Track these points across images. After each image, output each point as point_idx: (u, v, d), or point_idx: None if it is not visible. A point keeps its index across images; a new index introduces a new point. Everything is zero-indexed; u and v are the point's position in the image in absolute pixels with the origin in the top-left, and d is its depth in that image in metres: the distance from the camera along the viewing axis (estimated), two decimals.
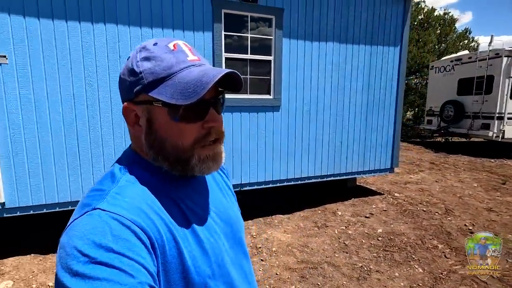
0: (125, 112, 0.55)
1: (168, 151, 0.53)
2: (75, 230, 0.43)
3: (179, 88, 0.48)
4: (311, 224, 3.58)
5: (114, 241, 0.42)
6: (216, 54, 3.17)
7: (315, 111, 3.76)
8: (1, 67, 2.50)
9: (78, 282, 0.39)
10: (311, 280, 2.50)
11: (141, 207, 0.48)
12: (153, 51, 0.51)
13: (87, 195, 0.50)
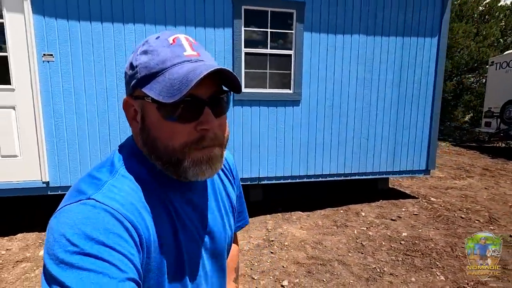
0: (125, 106, 0.54)
1: (161, 151, 0.50)
2: (66, 217, 0.43)
3: (167, 85, 0.46)
4: (330, 222, 3.46)
5: (105, 234, 0.41)
6: (235, 49, 3.26)
7: (338, 106, 3.64)
8: (49, 64, 2.90)
9: (64, 271, 0.38)
10: (317, 276, 2.43)
11: (135, 204, 0.47)
12: (152, 44, 0.49)
13: (83, 181, 0.49)
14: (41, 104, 2.91)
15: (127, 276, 0.41)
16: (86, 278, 0.38)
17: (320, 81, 3.54)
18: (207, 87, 0.49)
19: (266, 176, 3.57)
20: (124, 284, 0.40)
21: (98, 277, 0.39)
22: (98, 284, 0.38)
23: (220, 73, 0.49)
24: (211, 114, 0.49)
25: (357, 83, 3.65)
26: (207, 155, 0.51)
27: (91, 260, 0.39)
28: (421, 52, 3.77)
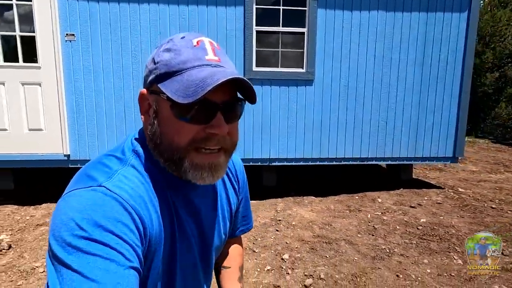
0: (140, 99, 0.54)
1: (164, 147, 0.51)
2: (76, 201, 0.43)
3: (183, 85, 0.47)
4: (343, 207, 3.31)
5: (114, 223, 0.42)
6: (247, 28, 3.24)
7: (354, 86, 3.48)
8: (71, 44, 3.09)
9: (71, 254, 0.39)
10: (320, 252, 2.33)
11: (143, 197, 0.48)
12: (176, 43, 0.50)
13: (93, 167, 0.49)
14: (63, 81, 3.11)
15: (132, 265, 0.42)
16: (93, 262, 0.39)
17: (334, 60, 3.41)
18: (222, 92, 0.49)
19: (277, 157, 3.51)
20: (129, 272, 0.41)
21: (106, 262, 0.39)
22: (105, 270, 0.39)
23: (236, 81, 0.49)
24: (222, 119, 0.49)
25: (375, 62, 3.47)
26: (210, 161, 0.50)
27: (98, 246, 0.40)
28: (448, 28, 3.49)
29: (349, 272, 2.04)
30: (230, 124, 0.51)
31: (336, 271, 2.07)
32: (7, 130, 3.15)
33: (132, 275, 0.42)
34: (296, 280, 1.97)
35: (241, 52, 3.28)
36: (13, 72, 3.08)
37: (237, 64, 3.29)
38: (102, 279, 0.38)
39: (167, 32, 3.18)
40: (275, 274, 2.05)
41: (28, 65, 3.09)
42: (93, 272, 0.38)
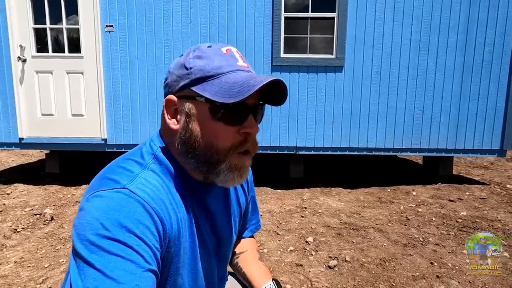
0: (167, 104, 0.55)
1: (200, 150, 0.52)
2: (100, 202, 0.44)
3: (224, 87, 0.49)
4: (374, 198, 3.15)
5: (136, 224, 0.43)
6: (275, 14, 3.24)
7: (387, 72, 3.31)
8: (109, 34, 3.30)
9: (94, 253, 0.40)
10: (347, 238, 2.23)
11: (163, 200, 0.49)
12: (206, 51, 0.53)
13: (113, 171, 0.50)
14: (102, 70, 3.33)
15: (150, 268, 0.43)
16: (115, 262, 0.40)
17: (366, 45, 3.28)
18: (254, 96, 0.52)
19: (304, 146, 3.44)
20: (148, 274, 0.42)
21: (126, 263, 0.40)
22: (125, 270, 0.40)
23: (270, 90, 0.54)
24: (254, 120, 0.53)
25: (410, 47, 3.28)
26: (242, 163, 0.53)
27: (121, 247, 0.41)
28: (495, 8, 3.20)
29: (377, 257, 1.93)
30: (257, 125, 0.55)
31: (363, 255, 1.96)
32: (53, 115, 3.43)
33: (150, 277, 0.42)
34: (319, 261, 1.91)
35: (269, 39, 3.28)
36: (59, 62, 3.36)
37: (264, 51, 3.30)
38: (123, 279, 0.39)
39: (197, 21, 3.28)
40: (298, 255, 2.00)
41: (72, 55, 3.35)
42: (114, 272, 0.39)
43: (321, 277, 1.74)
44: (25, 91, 3.38)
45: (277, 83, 0.52)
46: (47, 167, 3.82)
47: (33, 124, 3.43)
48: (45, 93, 3.39)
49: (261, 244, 2.17)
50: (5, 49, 3.28)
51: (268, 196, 3.25)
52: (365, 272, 1.78)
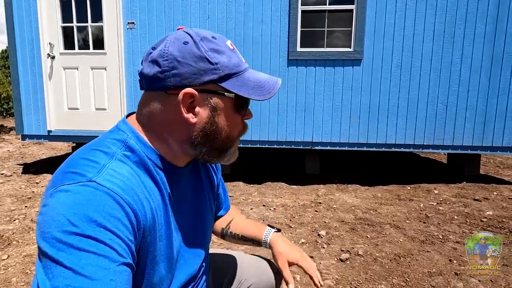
0: (184, 97, 0.51)
1: (221, 140, 0.56)
2: (66, 197, 0.42)
3: (249, 85, 0.54)
4: (392, 196, 3.05)
5: (107, 218, 0.41)
6: (292, 8, 3.21)
7: (408, 65, 3.19)
8: (131, 31, 3.42)
9: (62, 251, 0.38)
10: (361, 233, 2.17)
11: (135, 189, 0.48)
12: (220, 45, 0.52)
13: (77, 163, 0.47)
14: (124, 65, 3.46)
15: (124, 261, 0.42)
16: (86, 259, 0.38)
17: (386, 37, 3.18)
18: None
19: (320, 141, 3.39)
20: (122, 268, 0.41)
21: (99, 259, 0.39)
22: (98, 266, 0.38)
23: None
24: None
25: (434, 39, 3.14)
26: (238, 145, 0.62)
27: (91, 242, 0.39)
28: None
29: (392, 252, 1.86)
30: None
31: (377, 249, 1.91)
32: (79, 109, 3.61)
33: (125, 271, 0.41)
34: (331, 254, 1.87)
35: (286, 33, 3.26)
36: (85, 58, 3.53)
37: (281, 45, 3.28)
38: (96, 275, 0.38)
39: (214, 17, 3.32)
40: (310, 247, 1.98)
41: (96, 52, 3.51)
42: (86, 269, 0.38)
43: (331, 269, 1.70)
44: (53, 86, 3.58)
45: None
46: None
47: (60, 117, 3.62)
48: (71, 88, 3.57)
49: None
50: (36, 48, 3.50)
51: (283, 191, 3.24)
52: (378, 266, 1.73)
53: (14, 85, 3.60)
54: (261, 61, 3.33)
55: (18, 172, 3.77)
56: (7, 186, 3.20)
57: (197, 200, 0.66)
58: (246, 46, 3.33)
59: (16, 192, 3.03)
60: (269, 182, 3.44)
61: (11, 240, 2.05)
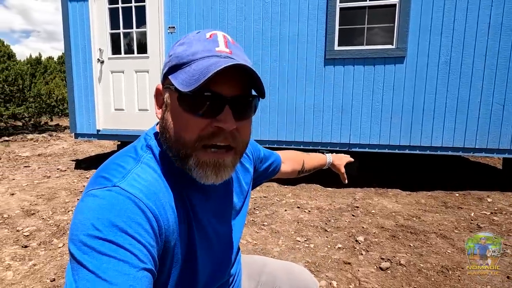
0: (156, 94, 0.54)
1: (172, 142, 0.50)
2: (92, 201, 0.43)
3: (189, 75, 0.46)
4: (438, 203, 2.84)
5: (128, 223, 0.42)
6: (329, 5, 3.13)
7: (458, 62, 2.95)
8: (171, 35, 3.58)
9: (86, 254, 0.39)
10: (403, 241, 2.05)
11: (157, 194, 0.47)
12: (190, 37, 0.51)
13: (108, 168, 0.49)
14: None
15: (145, 267, 0.41)
16: (107, 263, 0.39)
17: (433, 32, 2.96)
18: (232, 86, 0.48)
19: (358, 143, 3.27)
20: (142, 274, 0.41)
21: (119, 264, 0.39)
22: (118, 271, 0.39)
23: (250, 76, 0.48)
24: (230, 113, 0.47)
25: (488, 33, 2.86)
26: (215, 160, 0.48)
27: (112, 247, 0.40)
28: None
29: (438, 264, 1.73)
30: (241, 121, 0.49)
31: (421, 260, 1.78)
32: (124, 110, 3.86)
33: (145, 277, 0.41)
34: (370, 262, 1.79)
35: (323, 32, 3.19)
36: (130, 62, 3.76)
37: (317, 44, 3.22)
38: (116, 280, 0.38)
39: (251, 18, 3.35)
40: (347, 253, 1.91)
41: (140, 56, 3.72)
42: (107, 273, 0.38)
43: (371, 278, 1.63)
44: (102, 89, 3.87)
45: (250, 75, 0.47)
46: None
47: (107, 117, 3.90)
48: (118, 90, 3.83)
49: (307, 239, 2.13)
50: (88, 53, 3.80)
51: (318, 193, 3.17)
52: (423, 278, 1.62)
53: (69, 88, 3.95)
54: (296, 61, 3.29)
55: (71, 168, 4.13)
56: (62, 180, 3.52)
57: (222, 205, 0.63)
58: (281, 46, 3.31)
59: (69, 186, 3.32)
60: (303, 183, 3.39)
61: (66, 230, 2.25)
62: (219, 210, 0.61)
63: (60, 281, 1.64)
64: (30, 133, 7.58)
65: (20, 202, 2.81)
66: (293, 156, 1.00)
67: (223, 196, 0.62)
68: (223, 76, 0.45)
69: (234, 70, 0.46)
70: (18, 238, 2.11)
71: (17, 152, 5.24)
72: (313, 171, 1.07)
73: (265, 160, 0.84)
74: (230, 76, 0.46)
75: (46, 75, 10.84)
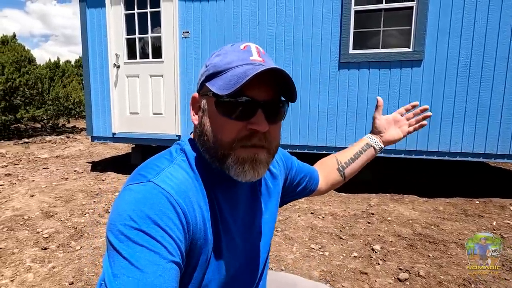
0: (192, 102, 0.58)
1: (210, 144, 0.53)
2: (128, 195, 0.47)
3: (226, 81, 0.50)
4: (457, 210, 2.75)
5: (160, 216, 0.44)
6: (344, 8, 3.09)
7: (478, 64, 2.85)
8: (185, 40, 3.62)
9: (122, 242, 0.42)
10: (421, 251, 1.99)
11: (187, 193, 0.50)
12: (225, 49, 0.55)
13: (145, 166, 0.53)
14: (179, 73, 3.67)
15: (173, 259, 0.44)
16: (140, 252, 0.41)
17: (452, 34, 2.88)
18: (264, 91, 0.51)
19: None
20: (171, 266, 0.43)
21: (150, 254, 0.42)
22: (149, 260, 0.41)
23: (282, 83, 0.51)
24: (263, 116, 0.50)
25: (511, 35, 2.76)
26: (252, 155, 0.51)
27: (145, 237, 0.42)
28: None
29: (460, 276, 1.67)
30: (272, 125, 0.52)
31: (442, 271, 1.72)
32: (138, 113, 3.92)
33: (173, 269, 0.43)
34: (388, 272, 1.74)
35: (337, 35, 3.15)
36: (145, 67, 3.83)
37: (331, 48, 3.18)
38: (147, 269, 0.41)
39: (264, 22, 3.35)
40: (363, 262, 1.87)
41: (155, 60, 3.78)
42: (139, 262, 0.41)
43: None
44: (117, 93, 3.95)
45: (282, 81, 0.50)
46: (132, 159, 4.39)
47: (122, 121, 3.98)
48: (133, 94, 3.90)
49: (322, 246, 2.09)
50: (105, 59, 3.89)
51: (331, 198, 3.12)
52: None
53: (86, 92, 4.05)
54: (310, 65, 3.26)
55: (87, 170, 4.22)
56: (79, 182, 3.61)
57: (250, 211, 0.63)
58: (295, 50, 3.29)
59: (86, 188, 3.40)
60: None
61: (83, 232, 2.30)
62: (246, 216, 0.62)
63: (78, 284, 1.67)
64: (48, 135, 7.81)
65: (39, 203, 2.89)
66: (322, 161, 0.93)
67: (251, 203, 0.64)
68: (256, 82, 0.49)
69: (266, 77, 0.49)
70: (38, 240, 2.17)
71: (36, 153, 5.40)
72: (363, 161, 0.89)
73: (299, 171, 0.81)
74: (263, 82, 0.50)
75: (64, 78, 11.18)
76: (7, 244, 2.09)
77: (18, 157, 5.04)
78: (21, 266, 1.84)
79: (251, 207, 0.64)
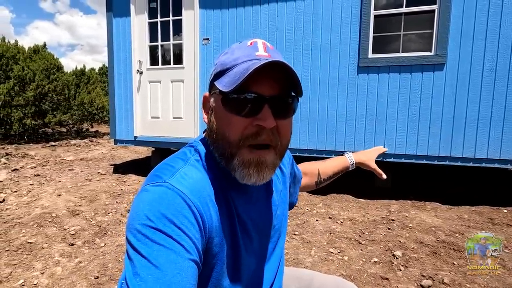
0: (203, 101, 0.59)
1: (219, 142, 0.53)
2: (145, 195, 0.48)
3: (231, 77, 0.50)
4: (483, 219, 2.64)
5: (175, 215, 0.45)
6: (363, 13, 3.09)
7: (505, 68, 2.76)
8: (205, 47, 3.72)
9: (140, 241, 0.43)
10: (445, 258, 1.92)
11: (202, 192, 0.51)
12: (232, 47, 0.56)
13: (161, 167, 0.54)
14: (199, 78, 3.77)
15: (191, 257, 0.44)
16: (158, 251, 0.42)
17: (476, 38, 2.81)
18: (270, 87, 0.50)
19: (392, 153, 3.14)
20: (189, 264, 0.44)
21: (167, 252, 0.43)
22: (167, 259, 0.42)
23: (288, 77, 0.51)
24: (270, 112, 0.50)
25: None
26: (258, 158, 0.51)
27: (162, 236, 0.43)
28: None
29: (488, 285, 1.60)
30: (280, 121, 0.52)
31: (467, 280, 1.66)
32: (159, 118, 4.05)
33: (191, 267, 0.44)
34: (410, 279, 1.70)
35: (356, 40, 3.15)
36: (166, 73, 3.96)
37: (350, 52, 3.18)
38: (164, 267, 0.41)
39: (283, 28, 3.40)
40: (384, 268, 1.83)
41: (176, 66, 3.90)
42: (157, 260, 0.42)
43: None
44: (140, 98, 4.10)
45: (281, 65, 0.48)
46: (152, 162, 4.51)
47: (144, 125, 4.11)
48: (154, 99, 4.03)
49: (341, 251, 2.07)
50: (129, 65, 4.06)
51: (350, 204, 3.08)
52: None
53: (110, 97, 4.23)
54: (329, 69, 3.27)
55: (110, 172, 4.38)
56: (102, 183, 3.75)
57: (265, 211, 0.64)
58: (313, 55, 3.31)
59: (109, 189, 3.53)
60: (334, 193, 3.32)
61: (107, 230, 2.39)
62: (262, 214, 0.62)
63: (103, 279, 1.74)
64: (73, 139, 8.17)
65: (66, 202, 3.03)
66: (307, 167, 0.95)
67: (266, 200, 0.64)
68: (262, 77, 0.49)
69: (271, 72, 0.49)
70: (65, 236, 2.27)
71: (62, 156, 5.66)
72: (335, 177, 0.98)
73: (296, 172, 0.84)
74: (269, 77, 0.50)
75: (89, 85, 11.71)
76: (37, 239, 2.21)
77: (46, 159, 5.30)
78: (50, 260, 1.93)
79: (266, 205, 0.64)
